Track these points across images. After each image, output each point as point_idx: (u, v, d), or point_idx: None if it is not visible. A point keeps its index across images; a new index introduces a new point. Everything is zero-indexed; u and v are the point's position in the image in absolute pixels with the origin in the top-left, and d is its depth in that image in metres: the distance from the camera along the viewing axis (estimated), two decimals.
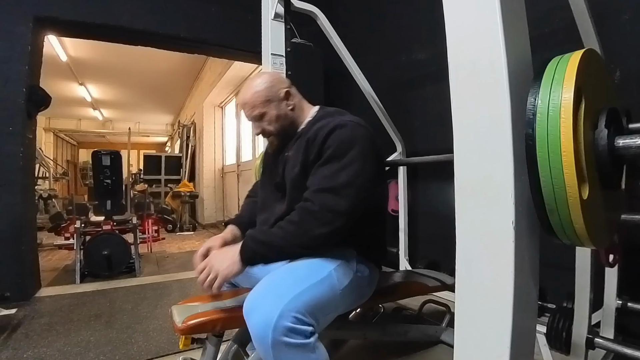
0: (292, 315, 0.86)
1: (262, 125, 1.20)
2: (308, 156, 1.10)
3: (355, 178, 1.02)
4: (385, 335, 1.44)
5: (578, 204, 0.55)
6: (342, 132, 1.07)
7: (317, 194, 1.02)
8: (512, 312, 0.57)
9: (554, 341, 1.40)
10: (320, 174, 1.05)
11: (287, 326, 0.85)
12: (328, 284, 0.99)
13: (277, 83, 1.21)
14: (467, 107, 0.64)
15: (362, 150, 1.05)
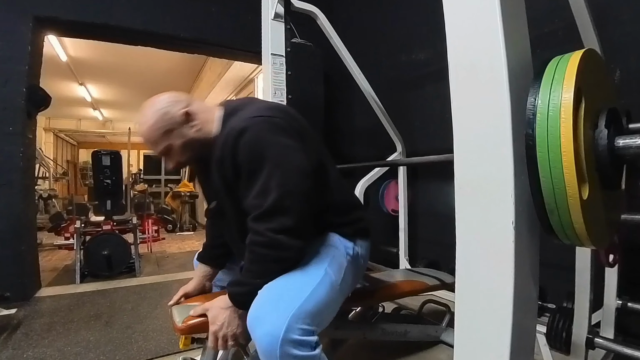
0: (299, 327, 0.85)
1: (172, 159, 1.09)
2: (226, 179, 1.01)
3: (285, 183, 0.92)
4: (385, 335, 1.44)
5: (578, 204, 0.55)
6: (246, 141, 0.94)
7: (257, 222, 0.93)
8: (512, 312, 0.57)
9: (554, 341, 1.40)
10: (251, 197, 0.95)
11: (294, 339, 0.83)
12: (327, 283, 0.97)
13: (171, 108, 1.04)
14: (467, 107, 0.64)
15: (277, 148, 0.94)
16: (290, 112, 1.12)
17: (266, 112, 1.00)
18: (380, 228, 3.05)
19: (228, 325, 0.95)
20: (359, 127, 3.43)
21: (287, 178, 0.93)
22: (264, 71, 2.07)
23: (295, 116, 1.11)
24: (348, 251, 1.08)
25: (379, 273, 1.92)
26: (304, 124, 1.11)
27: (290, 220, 0.91)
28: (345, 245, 1.08)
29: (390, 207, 2.80)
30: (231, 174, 0.99)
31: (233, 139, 0.96)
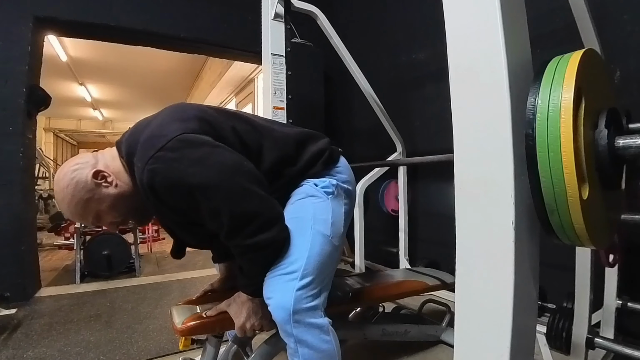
0: (305, 296, 0.90)
1: (109, 223, 1.03)
2: (173, 217, 1.01)
3: (226, 197, 0.87)
4: (385, 335, 1.44)
5: (578, 204, 0.55)
6: (163, 186, 0.87)
7: (230, 240, 0.93)
8: (512, 312, 0.57)
9: (554, 341, 1.40)
10: (208, 223, 0.94)
11: (303, 308, 0.90)
12: (319, 243, 0.97)
13: (78, 174, 0.94)
14: (467, 107, 0.64)
15: (192, 171, 0.85)
16: (178, 110, 0.99)
17: (157, 145, 0.86)
18: (380, 228, 3.05)
19: (251, 316, 0.99)
20: (359, 127, 3.43)
21: (223, 191, 0.87)
22: (264, 71, 2.07)
23: (186, 109, 0.99)
24: (327, 190, 1.06)
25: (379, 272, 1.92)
26: (200, 109, 1.01)
27: (256, 221, 0.89)
28: (321, 186, 1.06)
29: (390, 207, 2.80)
30: (175, 214, 0.98)
31: (150, 192, 0.88)
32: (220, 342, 1.12)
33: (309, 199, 1.04)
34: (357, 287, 1.40)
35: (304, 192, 1.06)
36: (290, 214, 1.01)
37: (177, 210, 0.96)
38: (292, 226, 0.98)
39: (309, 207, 1.02)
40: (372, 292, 1.44)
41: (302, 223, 0.99)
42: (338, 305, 1.30)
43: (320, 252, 0.96)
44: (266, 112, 1.97)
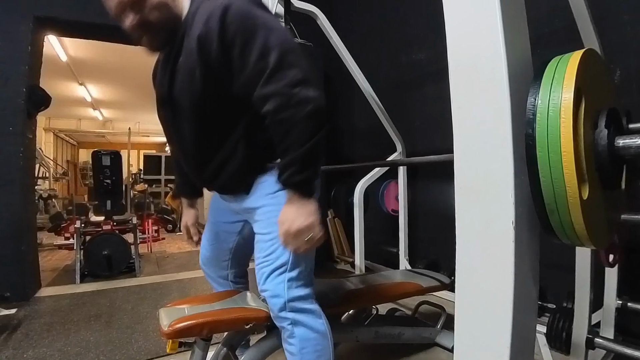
0: (296, 285, 0.99)
1: (141, 14, 1.00)
2: (208, 54, 0.92)
3: (283, 41, 0.91)
4: (378, 338, 1.42)
5: (578, 204, 0.55)
6: (235, 13, 0.90)
7: (269, 85, 0.89)
8: (512, 312, 0.57)
9: (554, 341, 1.40)
10: (252, 65, 0.90)
11: (295, 296, 0.99)
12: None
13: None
14: (467, 107, 0.64)
15: (265, 16, 0.94)
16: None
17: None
18: (380, 228, 3.05)
19: (313, 214, 0.94)
20: (359, 127, 3.43)
21: (283, 37, 0.92)
22: None
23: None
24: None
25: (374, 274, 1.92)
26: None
27: (300, 73, 0.89)
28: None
29: (390, 207, 2.80)
30: (215, 49, 0.91)
31: (220, 13, 0.90)
32: (209, 345, 1.10)
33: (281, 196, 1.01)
34: (350, 289, 1.40)
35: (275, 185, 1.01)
36: (270, 208, 1.01)
37: (220, 49, 0.91)
38: (274, 224, 0.97)
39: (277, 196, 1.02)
40: (365, 294, 1.44)
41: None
42: (330, 308, 1.29)
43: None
44: None
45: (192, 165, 1.12)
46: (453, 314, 0.68)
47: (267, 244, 1.01)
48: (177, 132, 1.07)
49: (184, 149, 1.09)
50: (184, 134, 1.04)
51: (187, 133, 1.04)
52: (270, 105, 0.89)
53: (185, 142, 1.07)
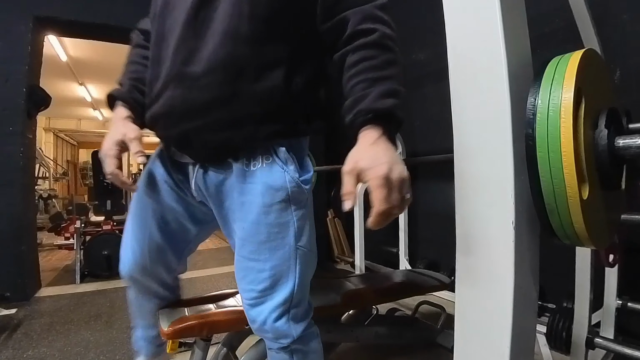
0: (300, 319, 0.81)
1: None
2: None
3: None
4: (378, 338, 1.42)
5: (578, 204, 0.55)
6: None
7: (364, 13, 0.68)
8: (512, 312, 0.57)
9: (554, 341, 1.40)
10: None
11: (302, 331, 0.80)
12: (304, 260, 0.79)
13: None
14: (467, 107, 0.64)
15: None
16: None
17: None
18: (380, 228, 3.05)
19: (398, 162, 0.63)
20: None
21: None
22: None
23: None
24: (305, 188, 0.76)
25: (374, 274, 1.92)
26: None
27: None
28: (300, 172, 0.76)
29: None
30: None
31: None
32: (209, 345, 1.10)
33: (293, 189, 0.75)
34: (350, 289, 1.40)
35: (288, 188, 0.74)
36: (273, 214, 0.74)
37: None
38: (277, 238, 0.76)
39: (289, 216, 0.75)
40: (365, 294, 1.43)
41: (285, 218, 0.75)
42: (330, 308, 1.29)
43: (306, 271, 0.81)
44: None
45: (181, 72, 0.72)
46: (453, 314, 0.68)
47: (262, 274, 0.76)
48: (183, 28, 0.72)
49: (190, 51, 0.72)
50: (197, 38, 0.71)
51: (201, 39, 0.71)
52: (358, 20, 0.68)
53: (192, 44, 0.71)
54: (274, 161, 0.75)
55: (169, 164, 0.87)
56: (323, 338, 1.36)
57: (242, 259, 0.79)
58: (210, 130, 0.73)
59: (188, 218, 0.90)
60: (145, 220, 0.88)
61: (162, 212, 0.88)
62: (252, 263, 0.77)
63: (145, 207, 0.88)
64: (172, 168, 0.86)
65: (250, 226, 0.76)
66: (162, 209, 0.88)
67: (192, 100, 0.72)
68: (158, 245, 0.89)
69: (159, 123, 0.80)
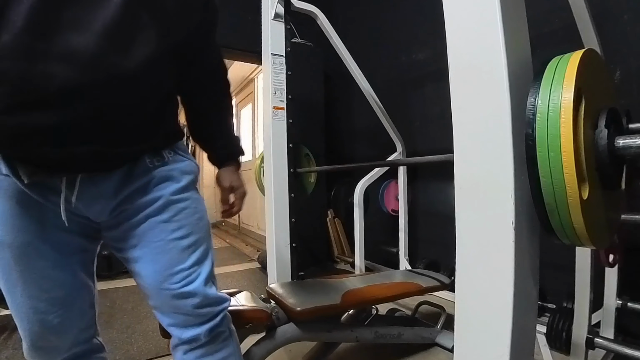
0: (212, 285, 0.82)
1: None
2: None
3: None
4: (378, 338, 1.42)
5: (578, 204, 0.55)
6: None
7: (214, 40, 0.90)
8: (512, 312, 0.57)
9: (554, 341, 1.40)
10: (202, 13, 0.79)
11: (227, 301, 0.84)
12: (209, 245, 0.83)
13: None
14: (467, 107, 0.64)
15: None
16: None
17: None
18: (380, 228, 3.05)
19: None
20: (359, 127, 3.43)
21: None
22: (264, 71, 2.07)
23: None
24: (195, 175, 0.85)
25: (374, 274, 1.91)
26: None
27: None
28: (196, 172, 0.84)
29: (390, 207, 2.80)
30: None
31: None
32: None
33: (195, 196, 0.81)
34: (350, 289, 1.40)
35: (194, 172, 0.82)
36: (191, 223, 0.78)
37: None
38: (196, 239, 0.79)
39: (203, 213, 0.82)
40: (365, 294, 1.43)
41: (198, 199, 0.81)
42: (330, 308, 1.29)
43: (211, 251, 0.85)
44: (266, 112, 1.97)
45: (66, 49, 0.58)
46: (453, 314, 0.68)
47: (188, 250, 0.77)
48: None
49: (87, 23, 0.59)
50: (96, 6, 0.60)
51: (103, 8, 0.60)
52: (216, 61, 0.92)
53: (91, 14, 0.59)
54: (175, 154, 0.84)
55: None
56: (323, 338, 1.37)
57: (167, 243, 0.76)
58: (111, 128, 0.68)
59: (81, 248, 0.82)
60: (37, 270, 0.72)
61: (51, 252, 0.72)
62: (178, 242, 0.77)
63: (30, 252, 0.70)
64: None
65: (176, 205, 0.77)
66: (49, 246, 0.72)
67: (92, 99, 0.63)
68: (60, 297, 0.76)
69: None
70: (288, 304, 1.22)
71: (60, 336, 0.72)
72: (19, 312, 0.69)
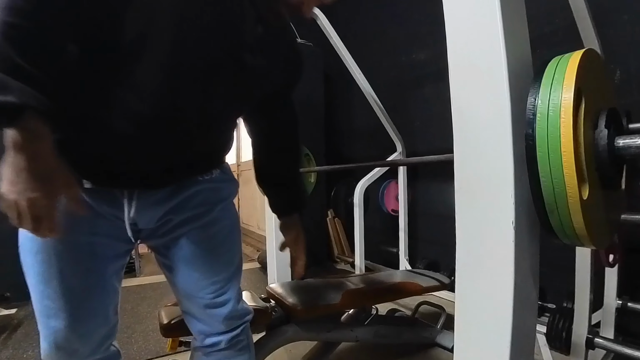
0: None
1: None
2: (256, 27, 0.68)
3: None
4: (378, 337, 1.42)
5: (578, 204, 0.55)
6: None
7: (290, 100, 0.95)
8: (512, 312, 0.57)
9: (554, 341, 1.40)
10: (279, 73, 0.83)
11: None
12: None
13: None
14: (467, 107, 0.64)
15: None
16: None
17: None
18: (380, 228, 3.05)
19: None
20: (359, 127, 3.43)
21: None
22: None
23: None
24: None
25: (374, 274, 1.91)
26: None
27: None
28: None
29: (390, 207, 2.80)
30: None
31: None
32: None
33: (234, 212, 0.87)
34: (350, 289, 1.40)
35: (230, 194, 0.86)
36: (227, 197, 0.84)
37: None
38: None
39: (239, 230, 0.88)
40: (365, 294, 1.43)
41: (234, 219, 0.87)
42: (330, 308, 1.29)
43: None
44: None
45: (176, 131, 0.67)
46: (453, 314, 0.68)
47: (225, 263, 0.82)
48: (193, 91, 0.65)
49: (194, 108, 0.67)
50: (211, 94, 0.67)
51: (215, 96, 0.68)
52: (290, 114, 0.94)
53: (203, 101, 0.67)
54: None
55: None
56: (323, 338, 1.37)
57: (210, 246, 0.81)
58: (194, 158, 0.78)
59: (119, 253, 0.84)
60: (76, 264, 0.72)
61: (93, 250, 0.74)
62: (220, 247, 0.82)
63: (81, 246, 0.72)
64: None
65: (225, 205, 0.85)
66: (95, 244, 0.74)
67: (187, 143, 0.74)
68: (94, 294, 0.77)
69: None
70: (288, 304, 1.22)
71: (83, 340, 0.71)
72: (47, 309, 0.69)
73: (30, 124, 0.48)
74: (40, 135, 0.50)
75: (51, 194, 0.52)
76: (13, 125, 0.48)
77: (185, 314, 0.86)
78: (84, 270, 0.69)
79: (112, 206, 0.69)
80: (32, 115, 0.48)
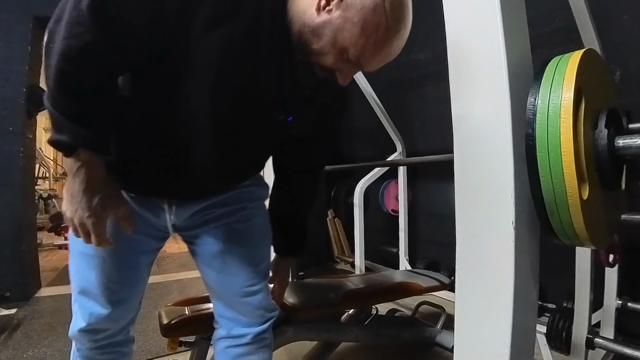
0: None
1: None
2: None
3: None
4: (378, 337, 1.42)
5: (578, 204, 0.55)
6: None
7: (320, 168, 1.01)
8: (512, 312, 0.57)
9: (554, 341, 1.40)
10: (326, 145, 0.98)
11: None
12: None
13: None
14: (467, 107, 0.64)
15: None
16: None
17: None
18: (380, 228, 3.05)
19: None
20: (359, 127, 3.43)
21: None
22: None
23: None
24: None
25: (374, 274, 1.91)
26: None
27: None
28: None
29: (390, 207, 2.80)
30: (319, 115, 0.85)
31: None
32: (209, 344, 1.09)
33: (265, 212, 0.96)
34: (350, 289, 1.40)
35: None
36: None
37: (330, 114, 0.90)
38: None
39: (270, 228, 0.96)
40: (365, 294, 1.43)
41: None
42: (330, 308, 1.29)
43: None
44: None
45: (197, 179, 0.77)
46: (453, 314, 0.68)
47: (257, 257, 0.88)
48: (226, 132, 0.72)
49: (221, 161, 0.76)
50: (235, 150, 0.77)
51: (239, 153, 0.78)
52: (315, 181, 1.01)
53: (228, 155, 0.76)
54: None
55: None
56: (323, 338, 1.37)
57: (244, 244, 0.88)
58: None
59: (154, 247, 0.92)
60: (122, 253, 0.80)
61: (134, 244, 0.82)
62: (254, 244, 0.89)
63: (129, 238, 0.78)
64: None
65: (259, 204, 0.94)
66: (136, 239, 0.81)
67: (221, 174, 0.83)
68: (129, 283, 0.86)
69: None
70: (288, 304, 1.22)
71: (115, 322, 0.82)
72: (87, 293, 0.78)
73: (83, 156, 0.59)
74: (92, 164, 0.61)
75: (99, 214, 0.62)
76: (69, 157, 0.59)
77: (217, 303, 0.90)
78: (123, 264, 0.78)
79: (153, 212, 0.80)
80: (85, 149, 0.59)
